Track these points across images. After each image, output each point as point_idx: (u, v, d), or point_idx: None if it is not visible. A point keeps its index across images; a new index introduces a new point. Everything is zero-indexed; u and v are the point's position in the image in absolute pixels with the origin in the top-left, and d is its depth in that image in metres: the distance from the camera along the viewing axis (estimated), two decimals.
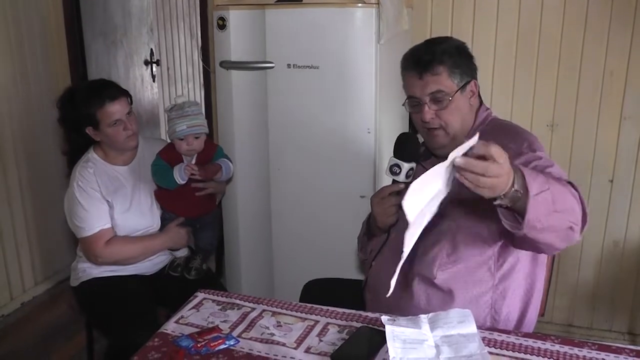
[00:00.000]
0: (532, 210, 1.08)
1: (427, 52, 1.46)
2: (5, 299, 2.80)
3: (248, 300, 1.45)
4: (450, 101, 1.45)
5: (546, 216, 1.11)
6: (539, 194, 1.09)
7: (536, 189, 1.08)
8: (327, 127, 2.14)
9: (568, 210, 1.16)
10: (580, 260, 2.53)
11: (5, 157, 2.76)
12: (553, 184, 1.13)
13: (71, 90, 1.96)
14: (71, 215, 1.89)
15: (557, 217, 1.14)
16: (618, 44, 2.28)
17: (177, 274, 2.00)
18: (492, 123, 1.53)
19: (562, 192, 1.15)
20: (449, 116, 1.46)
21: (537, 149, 1.39)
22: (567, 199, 1.16)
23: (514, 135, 1.44)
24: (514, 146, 1.38)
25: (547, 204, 1.10)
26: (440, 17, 2.46)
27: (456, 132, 1.48)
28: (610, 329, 2.58)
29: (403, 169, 1.44)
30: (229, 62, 2.21)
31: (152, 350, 1.24)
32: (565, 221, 1.16)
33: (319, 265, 2.16)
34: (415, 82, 1.46)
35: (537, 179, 1.10)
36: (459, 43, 1.52)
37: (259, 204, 2.33)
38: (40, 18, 2.92)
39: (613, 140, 2.39)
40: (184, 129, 1.87)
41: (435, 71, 1.44)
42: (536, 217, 1.09)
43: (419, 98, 1.47)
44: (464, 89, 1.47)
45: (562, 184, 1.19)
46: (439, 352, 1.17)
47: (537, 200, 1.08)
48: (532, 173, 1.11)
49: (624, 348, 1.22)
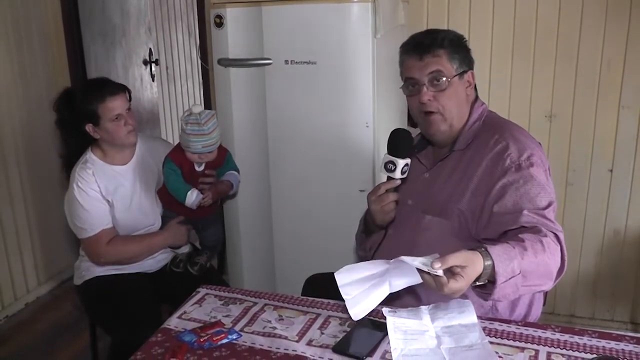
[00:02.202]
0: (499, 293, 1.15)
1: (427, 37, 1.48)
2: (9, 300, 2.81)
3: (250, 294, 1.46)
4: (449, 84, 1.45)
5: (514, 292, 1.17)
6: (507, 281, 1.14)
7: (504, 277, 1.13)
8: (325, 122, 2.15)
9: (541, 278, 1.21)
10: (581, 250, 2.53)
11: (7, 158, 2.77)
12: (526, 260, 1.16)
13: (68, 91, 1.95)
14: (72, 217, 1.90)
15: (527, 289, 1.21)
16: (615, 33, 2.28)
17: (180, 270, 2.02)
18: (488, 120, 1.52)
19: (536, 264, 1.18)
20: (447, 100, 1.46)
21: (535, 163, 1.37)
22: (541, 270, 1.20)
23: (514, 142, 1.41)
24: (514, 155, 1.38)
25: (515, 286, 1.16)
26: (436, 10, 2.47)
27: (453, 119, 1.48)
28: (612, 319, 2.59)
29: (398, 166, 1.44)
30: (226, 59, 2.21)
31: (155, 345, 1.25)
32: (534, 288, 1.24)
33: (319, 260, 2.17)
34: (415, 63, 1.47)
35: (508, 266, 1.14)
36: (459, 34, 1.53)
37: (259, 200, 2.34)
38: (39, 20, 2.93)
39: (612, 129, 2.39)
40: (199, 148, 1.88)
41: (435, 53, 1.45)
42: (503, 296, 1.17)
43: (417, 79, 1.46)
44: (462, 77, 1.48)
45: (541, 246, 1.20)
46: (440, 342, 1.18)
47: (505, 286, 1.14)
48: (504, 257, 1.14)
49: (624, 335, 1.23)
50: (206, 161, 1.96)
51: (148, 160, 2.02)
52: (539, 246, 1.19)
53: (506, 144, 1.41)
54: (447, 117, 1.47)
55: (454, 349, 1.16)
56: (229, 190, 2.07)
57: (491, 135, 1.45)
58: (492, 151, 1.42)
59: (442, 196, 1.47)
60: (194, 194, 1.91)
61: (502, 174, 1.37)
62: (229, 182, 2.05)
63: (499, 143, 1.42)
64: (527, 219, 1.28)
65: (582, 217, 2.50)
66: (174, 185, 1.93)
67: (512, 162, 1.37)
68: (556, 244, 1.24)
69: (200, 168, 1.98)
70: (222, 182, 2.04)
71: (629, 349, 1.17)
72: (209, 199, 1.95)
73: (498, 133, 1.45)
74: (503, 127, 1.49)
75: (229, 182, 2.05)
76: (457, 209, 1.42)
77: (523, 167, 1.36)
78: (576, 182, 2.47)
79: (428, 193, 1.51)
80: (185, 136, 1.88)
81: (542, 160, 1.41)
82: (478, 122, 1.51)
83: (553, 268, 1.22)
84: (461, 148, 1.49)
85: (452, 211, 1.43)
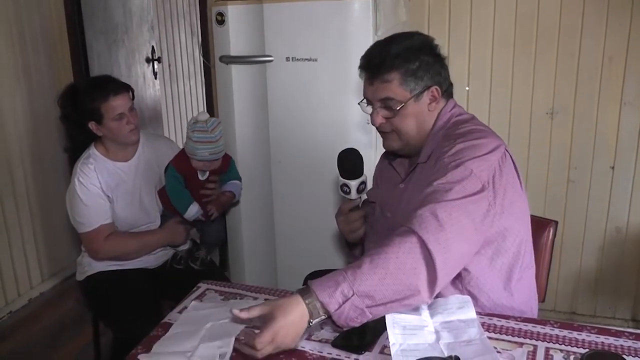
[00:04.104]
0: (340, 320, 1.13)
1: (380, 54, 1.32)
2: (13, 296, 2.83)
3: (250, 290, 1.47)
4: (403, 108, 1.33)
5: (361, 315, 1.13)
6: (342, 307, 1.11)
7: (336, 304, 1.11)
8: (326, 118, 2.16)
9: (397, 292, 1.12)
10: (583, 247, 2.53)
11: (11, 155, 2.78)
12: (361, 280, 1.10)
13: (72, 87, 1.97)
14: (72, 211, 1.91)
15: (384, 309, 1.14)
16: (617, 29, 2.28)
17: (180, 266, 2.03)
18: (454, 126, 1.36)
19: (378, 279, 1.10)
20: (400, 123, 1.35)
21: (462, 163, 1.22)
22: (392, 283, 1.11)
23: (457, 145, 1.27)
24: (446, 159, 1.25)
25: (358, 309, 1.12)
26: (437, 7, 2.46)
27: (409, 138, 1.38)
28: (613, 316, 2.59)
29: (352, 187, 1.44)
30: (228, 56, 2.22)
31: (156, 340, 1.26)
32: (392, 306, 1.14)
33: (320, 255, 2.18)
34: (366, 85, 1.36)
35: (335, 292, 1.10)
36: (424, 43, 1.35)
37: (261, 197, 2.35)
38: (42, 18, 2.94)
39: (614, 126, 2.38)
40: (206, 155, 1.89)
41: (385, 78, 1.31)
42: (350, 321, 1.13)
43: (370, 100, 1.37)
44: (420, 96, 1.34)
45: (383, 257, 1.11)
46: (439, 337, 1.18)
47: (342, 311, 1.11)
48: (327, 286, 1.11)
49: (624, 331, 1.22)
50: (211, 169, 1.97)
51: (150, 158, 2.03)
52: (380, 260, 1.12)
53: (448, 149, 1.28)
54: (402, 137, 1.38)
55: (453, 344, 1.16)
56: (231, 201, 2.11)
57: (444, 142, 1.33)
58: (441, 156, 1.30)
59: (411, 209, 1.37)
60: (194, 208, 1.94)
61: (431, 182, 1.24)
62: (231, 192, 2.08)
63: (445, 147, 1.30)
64: (411, 219, 1.17)
65: (583, 215, 2.49)
66: (176, 195, 1.94)
67: (440, 165, 1.26)
68: (414, 252, 1.12)
69: (203, 177, 1.98)
70: (224, 193, 2.06)
71: (628, 344, 1.17)
72: (214, 211, 1.98)
73: (450, 140, 1.31)
74: (461, 133, 1.32)
75: (231, 192, 2.08)
76: None
77: (449, 168, 1.23)
78: (578, 180, 2.47)
79: (402, 205, 1.43)
80: (192, 144, 1.89)
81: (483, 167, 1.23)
82: (443, 129, 1.37)
83: (413, 280, 1.11)
84: (423, 161, 1.38)
85: None
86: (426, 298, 1.15)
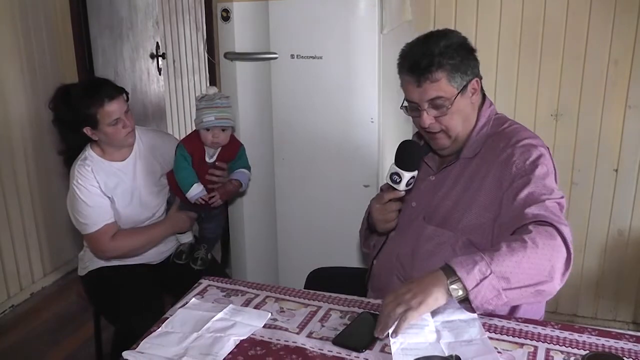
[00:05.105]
0: (477, 299, 1.13)
1: (424, 55, 1.36)
2: (15, 290, 2.84)
3: (252, 286, 1.47)
4: (451, 105, 1.38)
5: (497, 297, 1.13)
6: (480, 284, 1.12)
7: (473, 281, 1.12)
8: (330, 116, 2.16)
9: (533, 277, 1.15)
10: (585, 250, 2.53)
11: (14, 150, 2.79)
12: (498, 261, 1.12)
13: (64, 89, 1.91)
14: (74, 213, 1.89)
15: (518, 293, 1.15)
16: (623, 32, 2.27)
17: (182, 261, 2.03)
18: (496, 124, 1.47)
19: (516, 263, 1.13)
20: (450, 121, 1.41)
21: (540, 164, 1.33)
22: (529, 269, 1.14)
23: (520, 148, 1.37)
24: (519, 162, 1.34)
25: (494, 289, 1.12)
26: (443, 6, 2.46)
27: (458, 133, 1.44)
28: (614, 319, 2.58)
29: (404, 179, 1.41)
30: (233, 53, 2.22)
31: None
32: (530, 290, 1.15)
33: (323, 254, 2.18)
34: (413, 88, 1.39)
35: (473, 269, 1.12)
36: (460, 39, 1.41)
37: (264, 194, 2.35)
38: (47, 12, 2.94)
39: (618, 129, 2.38)
40: (212, 120, 1.88)
41: (433, 77, 1.35)
42: (486, 302, 1.13)
43: (417, 103, 1.40)
44: (465, 90, 1.40)
45: (521, 244, 1.15)
46: (440, 337, 1.18)
47: (480, 289, 1.12)
48: (467, 263, 1.13)
49: (624, 334, 1.22)
50: (219, 144, 1.94)
51: (147, 153, 2.01)
52: (517, 245, 1.15)
53: (511, 152, 1.37)
54: (451, 134, 1.43)
55: (454, 344, 1.16)
56: (238, 190, 2.05)
57: (497, 143, 1.41)
58: (498, 159, 1.38)
59: (446, 205, 1.44)
60: (198, 187, 1.91)
61: (509, 184, 1.33)
62: (238, 181, 2.02)
63: (505, 151, 1.38)
64: (528, 215, 1.25)
65: (586, 217, 2.49)
66: (182, 173, 1.93)
67: (517, 170, 1.34)
68: (553, 238, 1.18)
69: (211, 159, 1.97)
70: (231, 182, 2.01)
71: (629, 347, 1.17)
72: (218, 199, 1.95)
73: (504, 140, 1.40)
74: (510, 132, 1.43)
75: (238, 181, 2.02)
76: (462, 222, 1.39)
77: (528, 171, 1.33)
78: (581, 182, 2.46)
79: (432, 198, 1.48)
80: (198, 113, 1.90)
81: (548, 164, 1.36)
82: (486, 127, 1.46)
83: (547, 265, 1.15)
84: (469, 156, 1.45)
85: (455, 223, 1.41)
86: (557, 285, 1.18)
